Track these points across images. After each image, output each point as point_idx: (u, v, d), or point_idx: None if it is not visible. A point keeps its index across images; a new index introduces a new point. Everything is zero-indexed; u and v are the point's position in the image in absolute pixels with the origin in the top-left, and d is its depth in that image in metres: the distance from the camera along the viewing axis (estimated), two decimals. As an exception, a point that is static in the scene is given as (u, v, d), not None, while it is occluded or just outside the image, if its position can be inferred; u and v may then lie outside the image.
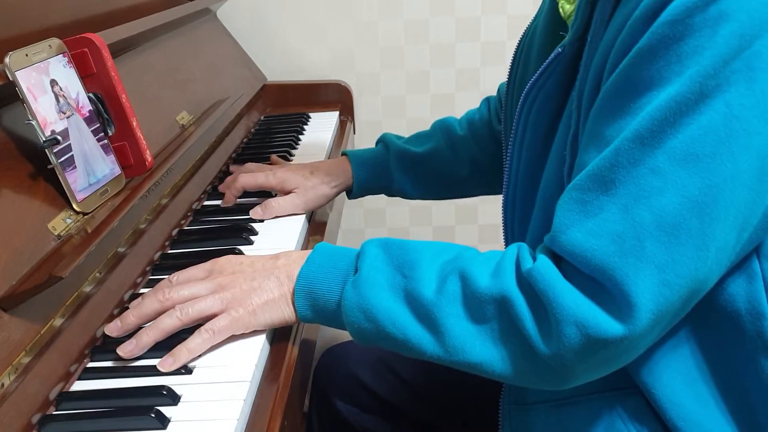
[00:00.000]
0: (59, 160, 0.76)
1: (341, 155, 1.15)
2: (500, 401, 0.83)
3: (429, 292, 0.67)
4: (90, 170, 0.81)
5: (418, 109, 1.79)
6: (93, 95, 0.85)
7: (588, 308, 0.61)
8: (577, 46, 0.72)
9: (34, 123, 0.74)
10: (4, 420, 0.60)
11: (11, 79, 0.73)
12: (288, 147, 1.36)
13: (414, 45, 1.74)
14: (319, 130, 1.49)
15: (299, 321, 0.74)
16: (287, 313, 0.74)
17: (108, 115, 0.86)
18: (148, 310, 0.73)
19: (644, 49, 0.60)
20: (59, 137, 0.76)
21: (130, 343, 0.71)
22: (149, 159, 0.89)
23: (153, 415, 0.62)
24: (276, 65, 1.72)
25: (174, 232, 1.00)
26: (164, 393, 0.65)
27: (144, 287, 0.87)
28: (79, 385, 0.70)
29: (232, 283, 0.74)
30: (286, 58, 1.74)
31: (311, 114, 1.59)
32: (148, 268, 0.90)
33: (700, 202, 0.59)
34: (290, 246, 0.96)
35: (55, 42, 0.81)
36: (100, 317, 0.77)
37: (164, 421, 0.63)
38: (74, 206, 0.78)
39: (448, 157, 1.12)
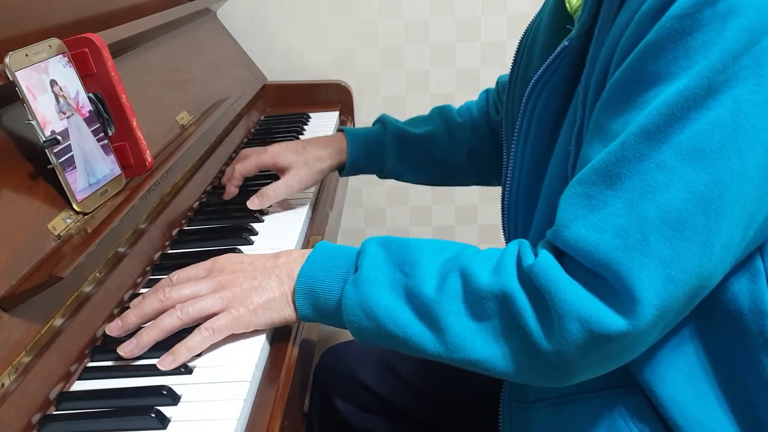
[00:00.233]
0: (59, 160, 0.76)
1: (337, 131, 1.15)
2: (500, 399, 0.83)
3: (429, 290, 0.67)
4: (90, 170, 0.81)
5: (418, 109, 1.77)
6: (93, 95, 0.85)
7: (591, 303, 0.61)
8: (584, 40, 0.72)
9: (34, 123, 0.74)
10: (4, 420, 0.60)
11: (11, 79, 0.73)
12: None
13: (414, 45, 1.74)
14: (319, 130, 1.49)
15: (300, 320, 0.74)
16: (287, 312, 0.74)
17: (108, 115, 0.86)
18: (149, 310, 0.73)
19: (652, 44, 0.60)
20: (59, 137, 0.76)
21: (131, 343, 0.71)
22: (149, 159, 0.89)
23: (153, 415, 0.62)
24: (276, 65, 1.72)
25: (174, 232, 1.00)
26: (164, 393, 0.65)
27: (144, 287, 0.87)
28: (79, 385, 0.70)
29: (233, 282, 0.74)
30: (286, 58, 1.74)
31: (311, 114, 1.59)
32: (148, 268, 0.90)
33: (706, 198, 0.59)
34: (290, 246, 0.96)
35: (55, 42, 0.81)
36: (100, 317, 0.77)
37: (164, 421, 0.63)
38: (74, 206, 0.78)
39: (445, 142, 1.12)
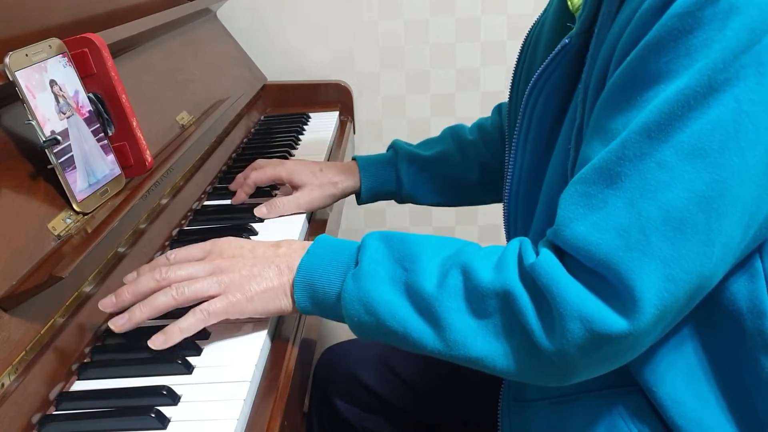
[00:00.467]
0: (59, 160, 0.76)
1: (351, 160, 1.15)
2: (500, 398, 0.83)
3: (430, 286, 0.67)
4: (90, 170, 0.81)
5: (418, 109, 1.79)
6: (93, 95, 0.85)
7: (592, 303, 0.61)
8: (585, 38, 0.72)
9: (34, 123, 0.74)
10: (4, 420, 0.60)
11: (11, 79, 0.73)
12: (288, 147, 1.36)
13: (414, 45, 1.74)
14: (319, 130, 1.49)
15: (296, 312, 0.74)
16: (284, 303, 0.73)
17: (108, 115, 0.86)
18: (144, 288, 0.73)
19: (653, 42, 0.60)
20: (59, 137, 0.76)
21: (122, 318, 0.71)
22: (149, 159, 0.89)
23: (153, 415, 0.62)
24: (276, 65, 1.72)
25: (174, 232, 1.00)
26: (164, 393, 0.65)
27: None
28: (79, 385, 0.70)
29: (232, 268, 0.73)
30: (286, 58, 1.74)
31: (311, 114, 1.59)
32: (148, 268, 0.90)
33: (707, 197, 0.58)
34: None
35: (55, 42, 0.81)
36: (100, 317, 0.77)
37: (164, 421, 0.63)
38: (74, 206, 0.78)
39: (458, 161, 1.11)
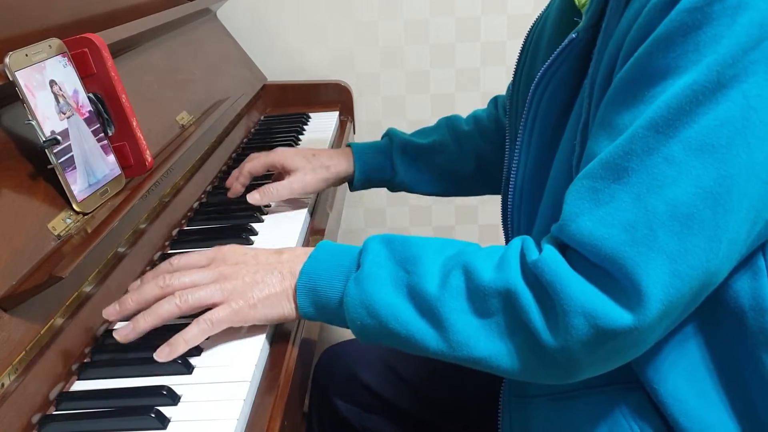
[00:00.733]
0: (59, 160, 0.76)
1: (345, 146, 1.15)
2: (500, 395, 0.83)
3: (432, 287, 0.67)
4: (90, 170, 0.81)
5: (418, 109, 1.79)
6: (93, 95, 0.85)
7: (597, 298, 0.60)
8: (591, 33, 0.72)
9: (34, 123, 0.74)
10: (4, 420, 0.60)
11: (11, 79, 0.73)
12: (288, 147, 1.35)
13: (414, 45, 1.74)
14: (319, 130, 1.49)
15: (299, 317, 0.74)
16: (287, 309, 0.73)
17: (108, 115, 0.86)
18: (148, 296, 0.73)
19: (661, 37, 0.59)
20: (59, 137, 0.76)
21: (126, 327, 0.71)
22: (149, 159, 0.89)
23: (153, 415, 0.62)
24: (276, 65, 1.72)
25: (174, 232, 1.00)
26: (164, 393, 0.65)
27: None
28: (79, 385, 0.70)
29: (235, 275, 0.74)
30: (286, 58, 1.74)
31: (311, 114, 1.59)
32: (148, 268, 0.90)
33: (714, 193, 0.58)
34: (290, 245, 0.95)
35: (55, 42, 0.81)
36: (100, 317, 0.77)
37: (164, 421, 0.63)
38: (74, 206, 0.78)
39: (453, 151, 1.12)
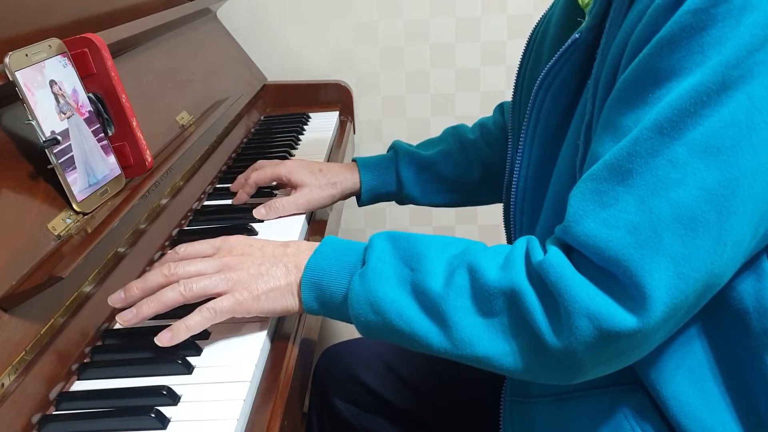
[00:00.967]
0: (59, 161, 0.76)
1: (351, 161, 1.15)
2: (502, 394, 0.83)
3: (437, 285, 0.67)
4: (90, 170, 0.81)
5: (418, 109, 1.79)
6: (93, 95, 0.85)
7: (601, 300, 0.60)
8: (595, 33, 0.72)
9: (34, 123, 0.74)
10: (4, 420, 0.60)
11: (11, 79, 0.73)
12: (288, 147, 1.36)
13: (414, 45, 1.74)
14: (319, 130, 1.49)
15: (303, 311, 0.74)
16: (291, 303, 0.74)
17: (108, 115, 0.86)
18: (153, 284, 0.73)
19: (665, 39, 0.59)
20: (59, 137, 0.76)
21: (130, 312, 0.72)
22: (149, 159, 0.89)
23: (153, 415, 0.62)
24: (276, 65, 1.72)
25: (174, 232, 1.00)
26: (164, 393, 0.65)
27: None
28: (79, 385, 0.70)
29: (240, 265, 0.74)
30: (286, 58, 1.74)
31: (311, 114, 1.59)
32: (148, 269, 0.90)
33: (719, 196, 0.58)
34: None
35: (55, 42, 0.81)
36: (100, 317, 0.77)
37: (164, 421, 0.63)
38: (74, 206, 0.78)
39: (459, 161, 1.11)
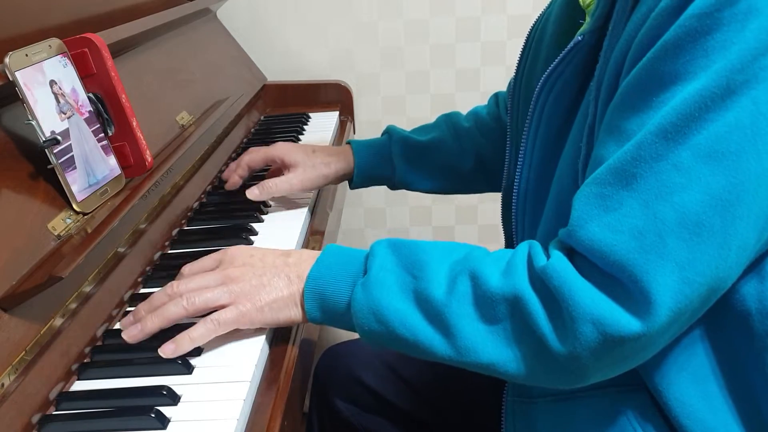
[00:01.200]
0: (59, 161, 0.76)
1: (345, 143, 1.15)
2: (503, 395, 0.83)
3: (439, 293, 0.66)
4: (90, 170, 0.81)
5: (418, 109, 1.79)
6: (93, 95, 0.85)
7: (605, 305, 0.60)
8: (597, 36, 0.71)
9: (34, 123, 0.74)
10: (4, 420, 0.60)
11: (11, 79, 0.73)
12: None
13: (414, 45, 1.74)
14: (319, 130, 1.49)
15: (306, 321, 0.74)
16: (294, 313, 0.73)
17: (108, 115, 0.86)
18: (158, 303, 0.74)
19: (670, 43, 0.59)
20: (59, 137, 0.76)
21: (135, 328, 0.72)
22: (149, 159, 0.89)
23: (153, 415, 0.62)
24: (276, 65, 1.72)
25: (174, 232, 1.00)
26: (164, 393, 0.65)
27: (144, 287, 0.87)
28: (79, 385, 0.70)
29: (242, 277, 0.74)
30: (286, 58, 1.74)
31: (311, 114, 1.59)
32: (148, 268, 0.90)
33: (724, 200, 0.58)
34: (290, 246, 0.96)
35: (55, 42, 0.81)
36: (100, 317, 0.77)
37: (164, 421, 0.63)
38: (74, 206, 0.78)
39: (453, 148, 1.11)
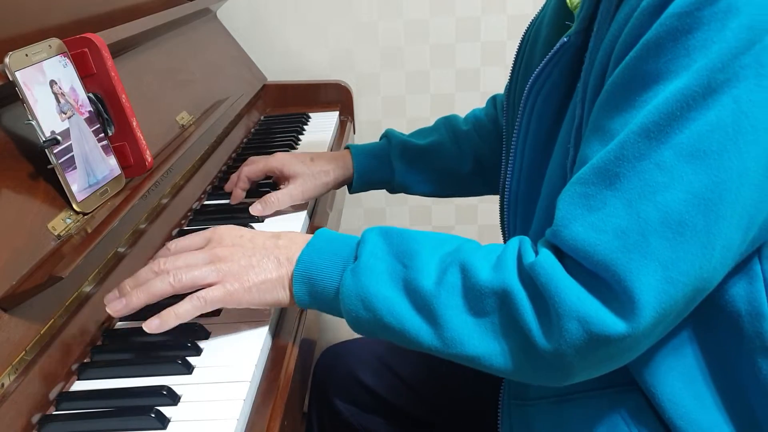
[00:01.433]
0: (59, 161, 0.76)
1: (344, 148, 1.15)
2: (500, 397, 0.83)
3: (429, 283, 0.66)
4: (90, 170, 0.81)
5: (418, 109, 1.79)
6: (93, 95, 0.85)
7: (591, 304, 0.60)
8: (584, 37, 0.72)
9: (34, 123, 0.74)
10: (4, 420, 0.60)
11: (11, 79, 0.73)
12: (288, 147, 1.36)
13: (414, 45, 1.74)
14: (319, 130, 1.49)
15: (294, 305, 0.74)
16: (282, 296, 0.73)
17: (108, 115, 0.86)
18: (144, 280, 0.73)
19: (651, 42, 0.59)
20: (59, 137, 0.76)
21: (120, 302, 0.71)
22: (149, 159, 0.89)
23: (153, 415, 0.62)
24: (276, 65, 1.72)
25: (174, 232, 1.00)
26: (164, 393, 0.65)
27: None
28: (79, 385, 0.70)
29: (230, 257, 0.73)
30: (286, 58, 1.74)
31: (311, 114, 1.59)
32: (148, 268, 0.90)
33: (706, 199, 0.58)
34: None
35: (55, 42, 0.81)
36: (100, 317, 0.77)
37: (164, 421, 0.63)
38: (74, 206, 0.78)
39: (451, 151, 1.11)
